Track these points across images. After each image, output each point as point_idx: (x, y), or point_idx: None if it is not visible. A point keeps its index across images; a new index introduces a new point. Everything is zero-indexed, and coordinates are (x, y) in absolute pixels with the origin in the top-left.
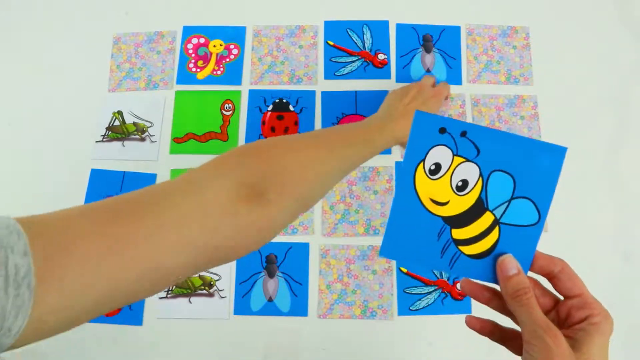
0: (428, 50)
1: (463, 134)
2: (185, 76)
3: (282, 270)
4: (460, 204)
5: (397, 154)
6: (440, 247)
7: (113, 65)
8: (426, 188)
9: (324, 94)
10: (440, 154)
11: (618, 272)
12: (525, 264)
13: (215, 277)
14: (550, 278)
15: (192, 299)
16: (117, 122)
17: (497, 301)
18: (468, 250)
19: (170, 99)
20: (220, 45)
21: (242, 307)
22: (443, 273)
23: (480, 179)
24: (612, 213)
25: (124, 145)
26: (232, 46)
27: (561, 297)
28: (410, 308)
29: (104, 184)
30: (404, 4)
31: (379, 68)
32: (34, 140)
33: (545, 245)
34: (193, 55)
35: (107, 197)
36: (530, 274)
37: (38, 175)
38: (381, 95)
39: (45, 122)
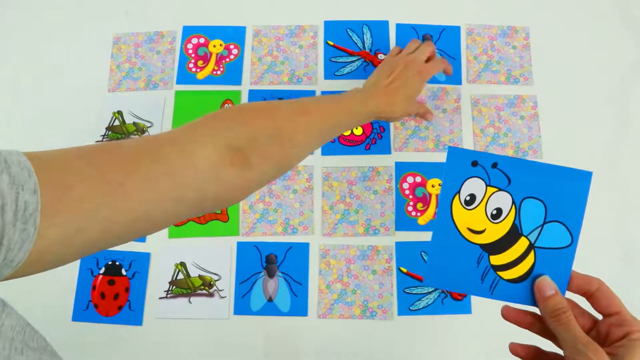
0: None
1: (494, 165)
2: (185, 76)
3: (282, 270)
4: (496, 231)
5: (397, 154)
6: (480, 273)
7: (113, 65)
8: (463, 218)
9: (324, 94)
10: (474, 186)
11: (618, 272)
12: (562, 284)
13: (215, 277)
14: (588, 297)
15: (192, 299)
16: (117, 122)
17: (539, 325)
18: (506, 275)
19: (170, 99)
20: (220, 45)
21: (242, 307)
22: None
23: (513, 206)
24: (612, 213)
25: None
26: (232, 46)
27: (600, 317)
28: (410, 308)
29: None
30: (404, 4)
31: None
32: (33, 140)
33: None
34: (193, 55)
35: (101, 142)
36: (568, 294)
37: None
38: None
39: (45, 122)
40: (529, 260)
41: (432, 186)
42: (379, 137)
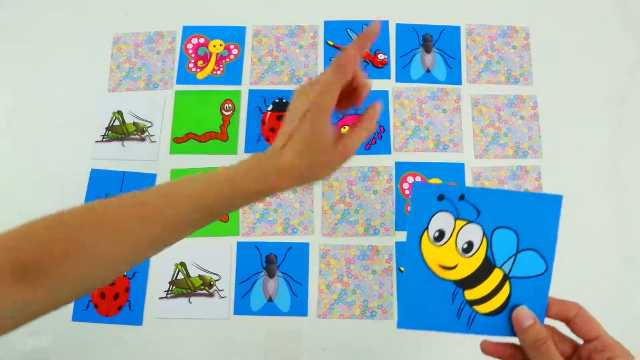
0: (428, 50)
1: (461, 197)
2: (185, 76)
3: (282, 270)
4: (468, 266)
5: (397, 153)
6: (456, 310)
7: (113, 65)
8: (433, 255)
9: None
10: (442, 221)
11: (618, 273)
12: (540, 312)
13: (215, 277)
14: (567, 322)
15: (192, 299)
16: (117, 122)
17: (521, 355)
18: (483, 308)
19: (170, 99)
20: (220, 45)
21: (242, 307)
22: None
23: (485, 238)
24: (612, 213)
25: (123, 145)
26: (232, 46)
27: (580, 341)
28: None
29: (104, 184)
30: (404, 4)
31: (379, 68)
32: (34, 140)
33: None
34: (193, 55)
35: None
36: (547, 320)
37: (38, 175)
38: (381, 95)
39: (45, 122)
40: (505, 291)
41: None
42: (379, 137)
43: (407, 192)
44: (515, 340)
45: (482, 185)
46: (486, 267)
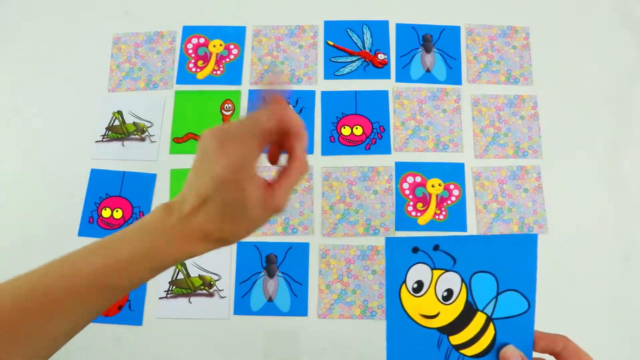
0: (428, 50)
1: (435, 247)
2: (185, 76)
3: (282, 270)
4: (450, 313)
5: (397, 153)
6: (443, 356)
7: (113, 65)
8: (414, 306)
9: (324, 94)
10: (419, 272)
11: (618, 272)
12: (527, 349)
13: (215, 277)
14: (555, 356)
15: (192, 298)
16: (117, 122)
17: None
18: (470, 351)
19: (170, 99)
20: (220, 45)
21: (242, 307)
22: None
23: (464, 284)
24: (612, 213)
25: (123, 145)
26: (232, 46)
27: None
28: None
29: (104, 184)
30: (404, 4)
31: (379, 68)
32: (34, 140)
33: (546, 246)
34: (193, 55)
35: None
36: (536, 354)
37: (38, 175)
38: (381, 95)
39: (45, 122)
40: (490, 333)
41: (432, 186)
42: (379, 137)
43: (407, 192)
44: None
45: (482, 185)
46: (468, 312)
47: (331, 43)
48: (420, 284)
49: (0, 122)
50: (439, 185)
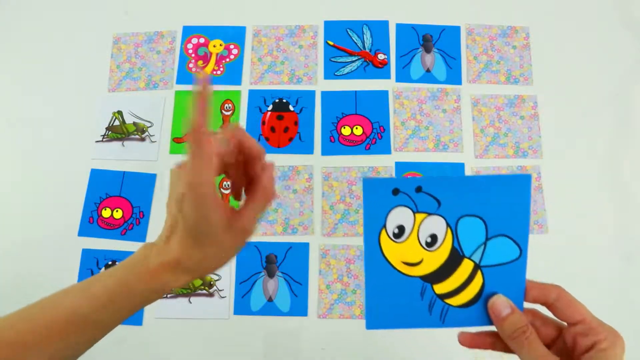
0: (428, 50)
1: (418, 189)
2: (185, 76)
3: (282, 270)
4: (434, 260)
5: (397, 153)
6: (427, 305)
7: (113, 65)
8: (395, 253)
9: (323, 94)
10: (400, 216)
11: (618, 272)
12: (518, 299)
13: (215, 277)
14: (548, 306)
15: (192, 298)
16: (117, 122)
17: (502, 343)
18: (455, 301)
19: (170, 99)
20: (220, 45)
21: (242, 307)
22: None
23: (449, 229)
24: (612, 213)
25: (123, 145)
26: (232, 46)
27: (564, 324)
28: None
29: (104, 184)
30: (404, 4)
31: (379, 68)
32: (34, 140)
33: (546, 246)
34: (193, 55)
35: None
36: (527, 305)
37: (38, 175)
38: (381, 95)
39: (45, 122)
40: (477, 281)
41: None
42: (379, 137)
43: None
44: (494, 328)
45: None
46: (454, 259)
47: (331, 43)
48: (401, 229)
49: (0, 122)
50: None
